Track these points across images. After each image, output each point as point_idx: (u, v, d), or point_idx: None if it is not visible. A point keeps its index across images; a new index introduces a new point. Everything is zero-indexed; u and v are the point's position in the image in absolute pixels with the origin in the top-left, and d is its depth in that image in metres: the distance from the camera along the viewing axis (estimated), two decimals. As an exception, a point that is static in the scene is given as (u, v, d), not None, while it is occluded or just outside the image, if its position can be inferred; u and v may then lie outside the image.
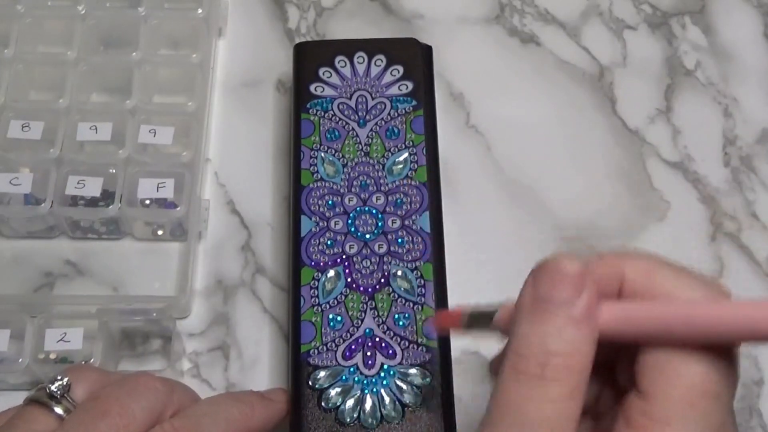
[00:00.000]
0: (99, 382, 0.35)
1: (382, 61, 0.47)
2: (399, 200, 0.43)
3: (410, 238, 0.42)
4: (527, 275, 0.28)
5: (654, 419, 0.27)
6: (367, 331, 0.40)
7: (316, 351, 0.40)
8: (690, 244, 0.49)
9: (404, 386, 0.39)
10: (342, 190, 0.44)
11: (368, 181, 0.44)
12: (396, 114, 0.45)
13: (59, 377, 0.34)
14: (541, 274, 0.28)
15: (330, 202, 0.43)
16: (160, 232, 0.47)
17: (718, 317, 0.26)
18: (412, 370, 0.39)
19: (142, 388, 0.35)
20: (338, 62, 0.47)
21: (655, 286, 0.28)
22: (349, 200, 0.43)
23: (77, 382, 0.35)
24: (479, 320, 0.31)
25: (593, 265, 0.29)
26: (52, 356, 0.42)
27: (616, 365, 0.30)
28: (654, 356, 0.27)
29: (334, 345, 0.40)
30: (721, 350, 0.27)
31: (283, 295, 0.46)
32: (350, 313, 0.41)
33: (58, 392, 0.34)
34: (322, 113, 0.45)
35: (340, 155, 0.44)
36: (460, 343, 0.44)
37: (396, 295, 0.41)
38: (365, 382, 0.39)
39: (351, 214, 0.43)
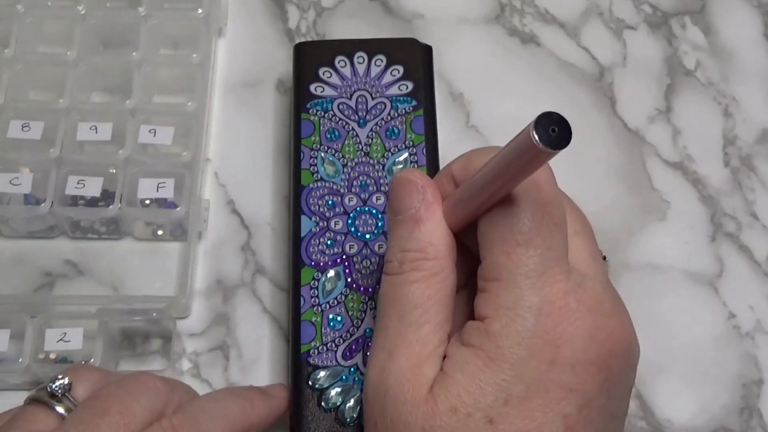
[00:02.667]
0: (99, 381, 0.35)
1: (382, 61, 0.47)
2: (399, 200, 0.43)
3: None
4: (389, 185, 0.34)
5: (486, 278, 0.31)
6: (368, 331, 0.40)
7: (316, 351, 0.40)
8: (690, 244, 0.49)
9: (404, 386, 0.39)
10: (342, 190, 0.44)
11: (368, 181, 0.44)
12: (396, 114, 0.45)
13: (60, 376, 0.34)
14: (391, 192, 0.34)
15: (330, 202, 0.43)
16: (160, 232, 0.47)
17: (488, 168, 0.30)
18: (412, 370, 0.39)
19: (143, 387, 0.35)
20: (338, 62, 0.47)
21: (470, 171, 0.33)
22: (349, 200, 0.43)
23: (78, 382, 0.35)
24: None
25: (435, 176, 0.35)
26: (52, 356, 0.42)
27: None
28: (480, 228, 0.32)
29: (334, 345, 0.40)
30: (522, 196, 0.31)
31: (283, 295, 0.46)
32: (350, 313, 0.41)
33: (59, 391, 0.34)
34: (322, 113, 0.46)
35: (340, 155, 0.44)
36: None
37: (396, 295, 0.41)
38: (365, 382, 0.39)
39: (351, 214, 0.43)
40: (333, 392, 0.39)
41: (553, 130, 0.27)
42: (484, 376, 0.29)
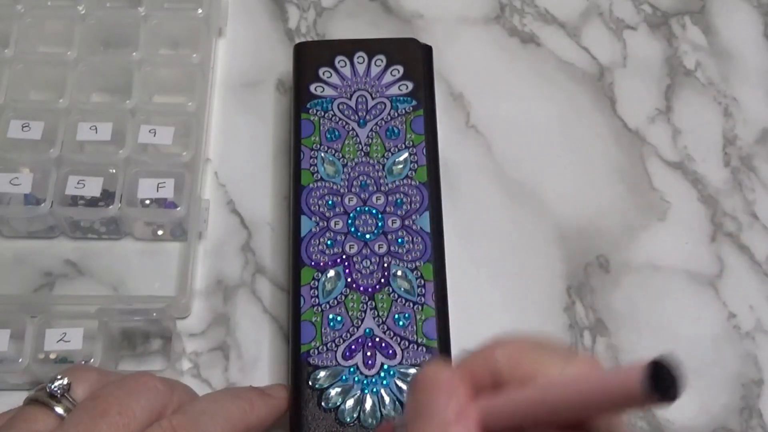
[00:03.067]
0: (99, 381, 0.35)
1: (382, 61, 0.47)
2: (399, 200, 0.43)
3: (410, 238, 0.42)
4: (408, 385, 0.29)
5: None
6: (367, 331, 0.40)
7: (316, 351, 0.40)
8: (690, 244, 0.49)
9: (404, 386, 0.39)
10: (342, 190, 0.44)
11: (368, 181, 0.44)
12: (396, 114, 0.45)
13: (59, 377, 0.34)
14: (417, 385, 0.29)
15: (330, 202, 0.43)
16: (160, 232, 0.47)
17: (570, 392, 0.26)
18: (412, 370, 0.39)
19: (142, 387, 0.35)
20: (338, 62, 0.47)
21: (522, 368, 0.28)
22: (349, 200, 0.43)
23: (77, 382, 0.35)
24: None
25: (466, 361, 0.29)
26: (52, 356, 0.42)
27: None
28: None
29: (334, 345, 0.40)
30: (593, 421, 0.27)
31: (283, 295, 0.46)
32: (350, 313, 0.41)
33: (58, 392, 0.34)
34: (322, 113, 0.45)
35: (340, 155, 0.44)
36: (460, 343, 0.43)
37: (396, 295, 0.41)
38: (365, 382, 0.39)
39: (351, 214, 0.43)
40: (333, 392, 0.39)
41: (667, 381, 0.23)
42: None
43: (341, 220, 0.43)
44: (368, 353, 0.40)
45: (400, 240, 0.42)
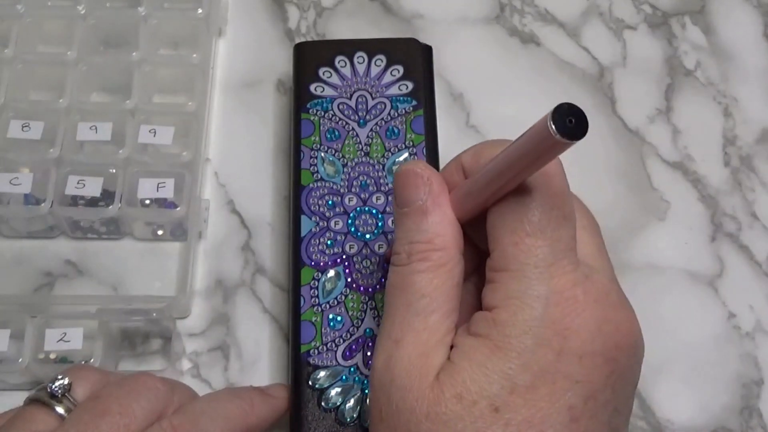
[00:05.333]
0: (99, 381, 0.35)
1: (382, 61, 0.47)
2: (399, 200, 0.43)
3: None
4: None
5: (494, 270, 0.31)
6: (368, 331, 0.40)
7: (316, 351, 0.40)
8: (690, 244, 0.49)
9: (404, 386, 0.39)
10: (342, 190, 0.44)
11: (368, 181, 0.44)
12: (396, 114, 0.45)
13: (60, 377, 0.34)
14: (395, 185, 0.34)
15: (330, 202, 0.43)
16: (160, 232, 0.47)
17: (501, 157, 0.30)
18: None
19: (143, 387, 0.35)
20: (338, 62, 0.47)
21: (481, 162, 0.33)
22: (349, 200, 0.43)
23: (78, 382, 0.35)
24: None
25: (441, 169, 0.34)
26: (52, 356, 0.42)
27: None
28: (489, 219, 0.32)
29: (334, 345, 0.40)
30: (533, 187, 0.31)
31: (283, 295, 0.46)
32: (350, 313, 0.41)
33: (59, 392, 0.34)
34: (322, 113, 0.46)
35: (340, 155, 0.44)
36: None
37: (396, 295, 0.41)
38: (365, 382, 0.39)
39: (351, 214, 0.43)
40: (333, 392, 0.39)
41: (570, 121, 0.27)
42: (491, 365, 0.29)
43: (341, 220, 0.43)
44: (368, 353, 0.40)
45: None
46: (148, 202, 0.46)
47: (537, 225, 0.30)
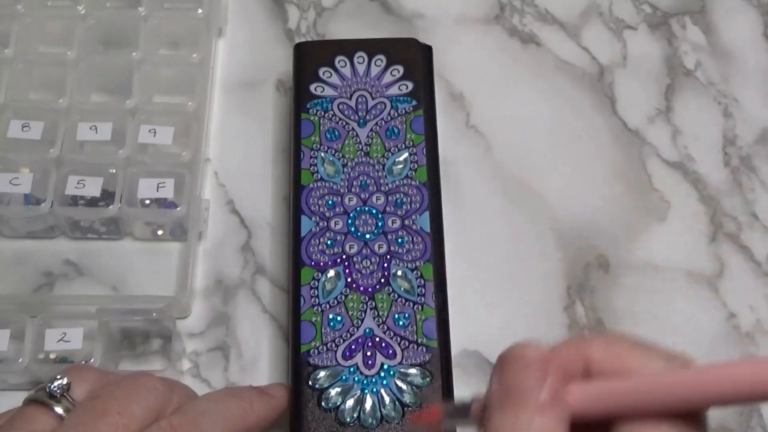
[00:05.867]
0: (99, 381, 0.35)
1: (382, 61, 0.47)
2: (399, 200, 0.43)
3: (410, 238, 0.42)
4: (494, 364, 0.29)
5: None
6: (367, 331, 0.40)
7: (316, 351, 0.40)
8: (690, 244, 0.49)
9: (404, 386, 0.39)
10: (342, 190, 0.44)
11: (368, 181, 0.44)
12: (396, 114, 0.45)
13: (59, 377, 0.34)
14: (506, 364, 0.28)
15: (330, 202, 0.43)
16: (160, 232, 0.47)
17: (680, 385, 0.27)
18: (412, 370, 0.39)
19: (142, 387, 0.35)
20: (338, 62, 0.47)
21: (621, 362, 0.28)
22: (349, 200, 0.43)
23: (77, 382, 0.35)
24: (457, 413, 0.32)
25: (557, 348, 0.29)
26: (52, 356, 0.42)
27: None
28: (627, 429, 0.27)
29: (334, 345, 0.40)
30: (690, 417, 0.28)
31: (283, 295, 0.46)
32: (350, 313, 0.41)
33: (58, 392, 0.34)
34: (322, 113, 0.45)
35: (340, 155, 0.44)
36: (460, 343, 0.44)
37: (396, 295, 0.41)
38: (365, 382, 0.39)
39: (351, 214, 0.43)
40: (333, 392, 0.39)
41: None
42: None
43: (341, 220, 0.43)
44: (368, 353, 0.40)
45: (400, 240, 0.42)
46: (148, 202, 0.46)
47: None
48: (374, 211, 0.43)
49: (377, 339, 0.40)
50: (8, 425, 0.33)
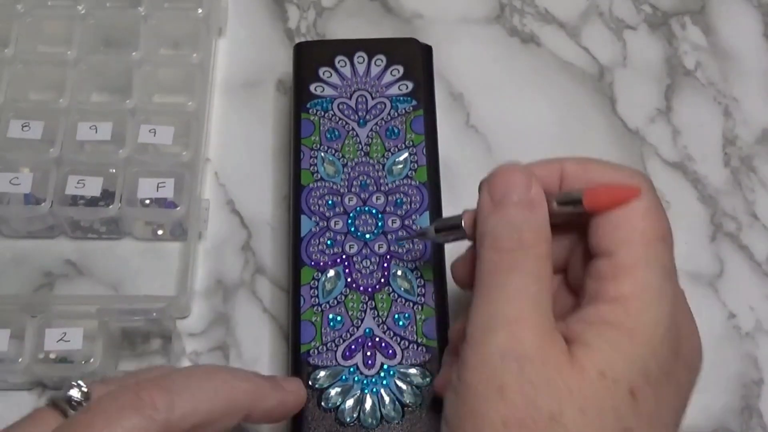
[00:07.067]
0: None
1: (382, 61, 0.47)
2: (399, 200, 0.43)
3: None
4: (480, 187, 0.34)
5: (621, 266, 0.31)
6: (367, 330, 0.40)
7: (316, 351, 0.40)
8: (690, 244, 0.49)
9: (404, 386, 0.39)
10: (342, 190, 0.44)
11: (368, 181, 0.44)
12: (396, 114, 0.45)
13: (81, 384, 0.34)
14: (493, 177, 0.34)
15: (330, 202, 0.43)
16: (160, 232, 0.47)
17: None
18: (412, 370, 0.39)
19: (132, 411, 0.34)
20: (338, 62, 0.47)
21: (589, 174, 0.33)
22: (349, 200, 0.43)
23: (96, 392, 0.34)
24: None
25: (536, 164, 0.34)
26: (52, 356, 0.42)
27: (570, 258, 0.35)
28: (607, 218, 0.32)
29: (334, 345, 0.40)
30: (651, 201, 0.32)
31: (283, 295, 0.46)
32: (350, 313, 0.41)
33: (78, 399, 0.33)
34: (322, 113, 0.46)
35: (340, 155, 0.44)
36: (460, 343, 0.43)
37: (396, 295, 0.41)
38: (365, 382, 0.39)
39: (351, 214, 0.43)
40: (333, 392, 0.39)
41: None
42: (628, 350, 0.30)
43: (341, 220, 0.43)
44: (368, 353, 0.40)
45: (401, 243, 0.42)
46: (148, 201, 0.46)
47: (666, 231, 0.32)
48: (374, 211, 0.43)
49: (377, 339, 0.40)
50: (19, 423, 0.33)
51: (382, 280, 0.41)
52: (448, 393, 0.32)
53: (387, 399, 0.39)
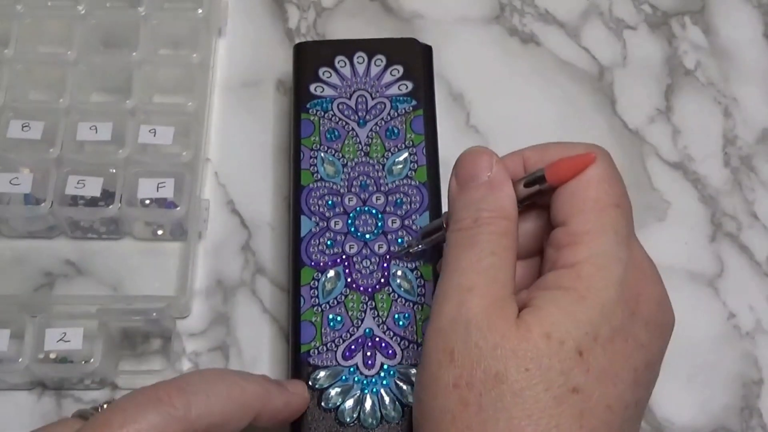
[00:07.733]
0: None
1: (382, 61, 0.47)
2: (399, 200, 0.43)
3: (410, 238, 0.42)
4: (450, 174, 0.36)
5: (575, 234, 0.33)
6: (367, 331, 0.40)
7: (316, 351, 0.40)
8: (690, 244, 0.49)
9: (404, 386, 0.39)
10: (342, 190, 0.44)
11: (368, 181, 0.44)
12: (396, 114, 0.45)
13: (108, 402, 0.34)
14: (459, 161, 0.36)
15: (330, 202, 0.43)
16: (160, 232, 0.47)
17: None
18: (412, 370, 0.39)
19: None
20: (338, 62, 0.47)
21: (547, 156, 0.35)
22: (349, 200, 0.43)
23: None
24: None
25: (502, 157, 0.36)
26: (52, 356, 0.42)
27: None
28: (564, 189, 0.34)
29: (334, 345, 0.40)
30: (605, 169, 0.34)
31: (283, 295, 0.46)
32: (350, 313, 0.41)
33: (100, 406, 0.34)
34: (322, 113, 0.46)
35: (340, 155, 0.44)
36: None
37: (396, 295, 0.41)
38: (365, 382, 0.39)
39: (351, 214, 0.43)
40: (333, 392, 0.39)
41: None
42: (578, 312, 0.31)
43: (341, 220, 0.43)
44: (368, 353, 0.40)
45: (400, 240, 0.42)
46: (148, 202, 0.46)
47: (620, 198, 0.33)
48: (374, 211, 0.43)
49: (377, 339, 0.40)
50: (43, 428, 0.33)
51: (382, 280, 0.41)
52: (417, 368, 0.34)
53: (387, 399, 0.39)
